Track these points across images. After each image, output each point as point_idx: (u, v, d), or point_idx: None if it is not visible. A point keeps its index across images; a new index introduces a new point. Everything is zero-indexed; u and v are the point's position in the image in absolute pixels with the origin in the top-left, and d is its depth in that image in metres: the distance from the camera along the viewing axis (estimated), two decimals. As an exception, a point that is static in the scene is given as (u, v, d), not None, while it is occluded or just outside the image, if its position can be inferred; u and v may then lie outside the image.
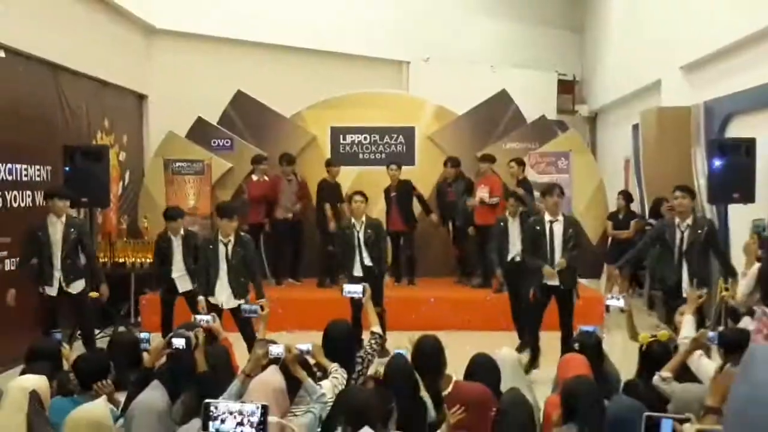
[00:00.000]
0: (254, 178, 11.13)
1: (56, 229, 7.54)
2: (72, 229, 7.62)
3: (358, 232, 8.46)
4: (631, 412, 3.57)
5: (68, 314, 7.97)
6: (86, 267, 7.84)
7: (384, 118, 12.36)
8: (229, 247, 7.45)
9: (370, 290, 5.90)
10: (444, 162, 11.29)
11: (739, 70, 9.38)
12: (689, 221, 7.28)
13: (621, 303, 5.85)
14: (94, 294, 7.78)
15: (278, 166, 11.18)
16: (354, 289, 5.98)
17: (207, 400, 3.18)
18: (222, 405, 3.14)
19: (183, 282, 8.23)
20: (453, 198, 11.10)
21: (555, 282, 7.53)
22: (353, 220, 8.55)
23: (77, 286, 7.67)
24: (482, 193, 10.51)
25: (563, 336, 7.45)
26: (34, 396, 3.80)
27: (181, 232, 8.27)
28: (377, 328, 5.42)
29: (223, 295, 7.45)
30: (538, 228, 7.66)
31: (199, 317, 5.54)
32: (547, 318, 7.79)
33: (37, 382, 4.04)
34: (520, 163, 10.71)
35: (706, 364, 4.52)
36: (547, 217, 7.63)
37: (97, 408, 3.75)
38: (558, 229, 7.57)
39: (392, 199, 10.95)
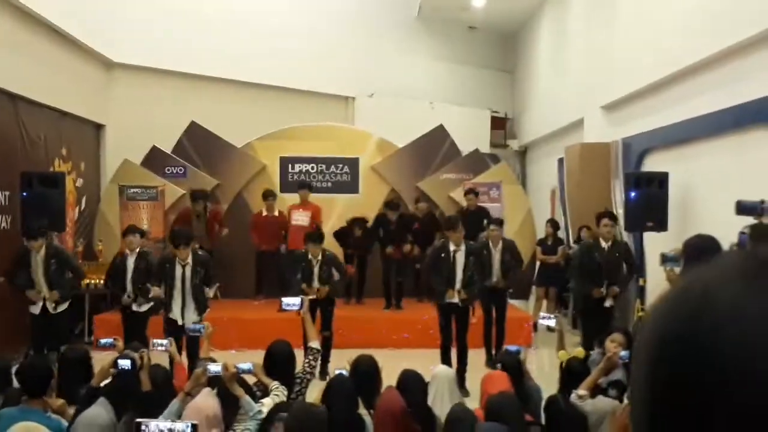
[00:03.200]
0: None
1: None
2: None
3: (314, 267, 8.28)
4: None
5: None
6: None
7: (330, 149, 12.34)
8: (188, 269, 7.33)
9: (308, 303, 5.73)
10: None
11: (654, 110, 9.60)
12: (609, 243, 7.95)
13: (552, 322, 5.88)
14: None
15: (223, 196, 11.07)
16: (292, 302, 5.68)
17: (138, 420, 3.09)
18: (153, 424, 3.05)
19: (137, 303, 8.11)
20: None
21: (455, 300, 7.83)
22: (310, 255, 8.31)
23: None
24: None
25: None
26: None
27: (137, 250, 8.11)
28: (315, 344, 5.24)
29: (180, 312, 7.34)
30: (443, 255, 7.87)
31: (156, 341, 5.36)
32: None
33: None
34: (476, 194, 10.86)
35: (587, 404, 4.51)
36: (452, 246, 7.85)
37: (34, 425, 3.61)
38: (460, 256, 7.84)
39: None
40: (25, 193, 8.69)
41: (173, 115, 12.08)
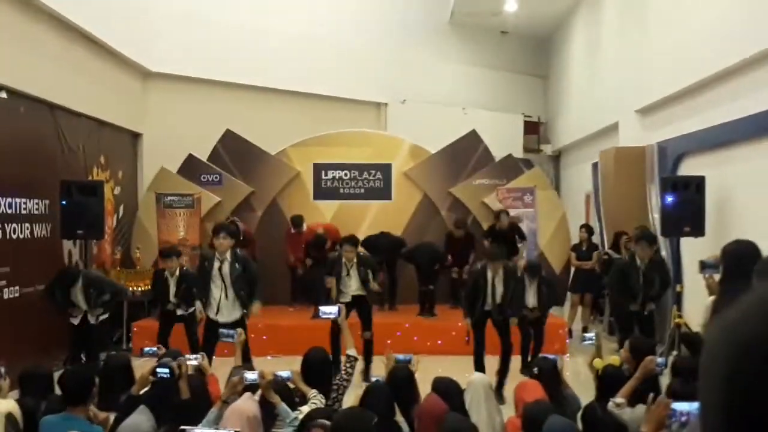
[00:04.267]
0: None
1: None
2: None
3: (350, 269, 8.35)
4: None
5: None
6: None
7: (363, 155, 12.38)
8: (226, 265, 7.39)
9: (344, 311, 5.76)
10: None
11: (690, 114, 9.49)
12: (646, 261, 7.86)
13: (592, 341, 5.82)
14: None
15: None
16: (329, 311, 5.76)
17: (182, 427, 3.12)
18: (197, 431, 3.08)
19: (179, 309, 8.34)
20: None
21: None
22: (344, 259, 8.39)
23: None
24: None
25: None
26: (9, 419, 3.71)
27: (177, 272, 8.29)
28: (352, 351, 5.28)
29: (216, 308, 7.37)
30: (481, 281, 7.84)
31: (188, 356, 5.37)
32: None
33: (9, 405, 3.97)
34: (507, 214, 10.82)
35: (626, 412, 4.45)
36: (490, 274, 7.79)
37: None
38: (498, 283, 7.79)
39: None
40: (64, 202, 8.83)
41: (209, 124, 12.21)
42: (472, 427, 3.97)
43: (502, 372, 7.73)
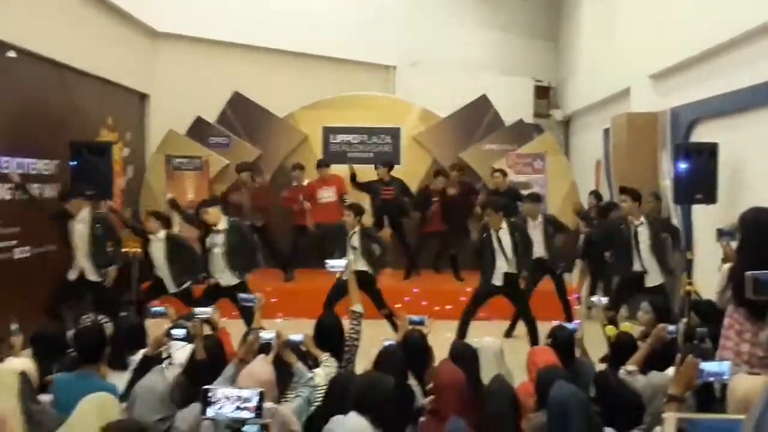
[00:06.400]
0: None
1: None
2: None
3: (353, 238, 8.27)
4: (572, 397, 3.56)
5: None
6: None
7: (372, 118, 12.32)
8: (220, 235, 7.50)
9: (352, 266, 5.78)
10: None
11: (704, 79, 9.38)
12: (642, 219, 7.93)
13: (603, 302, 5.85)
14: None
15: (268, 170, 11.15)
16: (337, 264, 5.82)
17: (205, 387, 3.14)
18: (219, 391, 3.10)
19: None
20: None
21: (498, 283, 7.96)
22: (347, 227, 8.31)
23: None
24: None
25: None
26: (24, 378, 3.74)
27: (161, 234, 8.11)
28: (358, 307, 5.24)
29: (221, 276, 7.66)
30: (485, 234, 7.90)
31: (198, 309, 5.36)
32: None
33: (25, 363, 4.00)
34: (504, 174, 10.71)
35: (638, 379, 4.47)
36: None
37: (104, 395, 3.69)
38: (504, 235, 7.90)
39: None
40: (74, 162, 8.82)
41: (217, 85, 12.14)
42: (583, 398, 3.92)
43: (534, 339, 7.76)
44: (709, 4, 8.93)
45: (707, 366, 3.50)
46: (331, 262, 5.86)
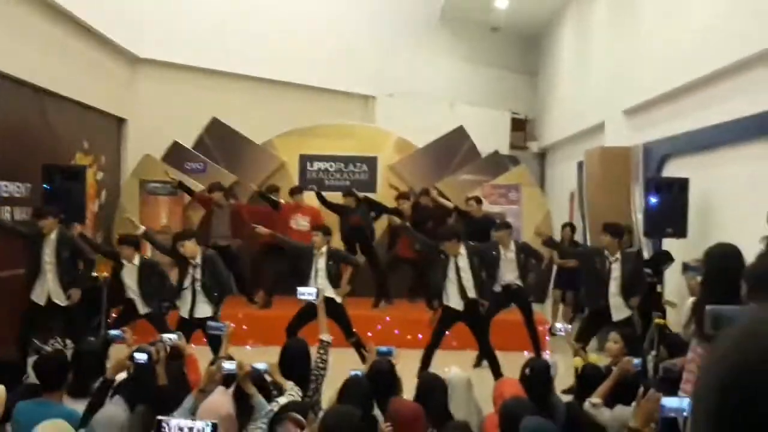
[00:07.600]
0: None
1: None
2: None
3: (319, 259, 8.11)
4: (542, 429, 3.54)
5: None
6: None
7: (350, 147, 12.33)
8: (197, 269, 7.38)
9: (323, 294, 5.72)
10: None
11: (676, 116, 9.51)
12: (618, 255, 7.64)
13: (563, 332, 5.81)
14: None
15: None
16: (308, 291, 5.75)
17: (159, 417, 3.08)
18: (174, 422, 3.04)
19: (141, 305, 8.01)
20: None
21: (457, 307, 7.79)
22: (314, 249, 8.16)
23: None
24: None
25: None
26: None
27: (135, 260, 8.01)
28: (326, 336, 5.18)
29: (189, 308, 7.38)
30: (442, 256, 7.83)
31: (165, 335, 5.33)
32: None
33: None
34: (479, 201, 10.70)
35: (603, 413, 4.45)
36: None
37: (60, 422, 3.62)
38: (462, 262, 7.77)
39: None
40: (47, 186, 8.73)
41: (195, 111, 12.10)
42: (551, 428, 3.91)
43: (495, 371, 7.67)
44: (681, 43, 9.09)
45: (667, 401, 3.48)
46: (302, 289, 5.80)
